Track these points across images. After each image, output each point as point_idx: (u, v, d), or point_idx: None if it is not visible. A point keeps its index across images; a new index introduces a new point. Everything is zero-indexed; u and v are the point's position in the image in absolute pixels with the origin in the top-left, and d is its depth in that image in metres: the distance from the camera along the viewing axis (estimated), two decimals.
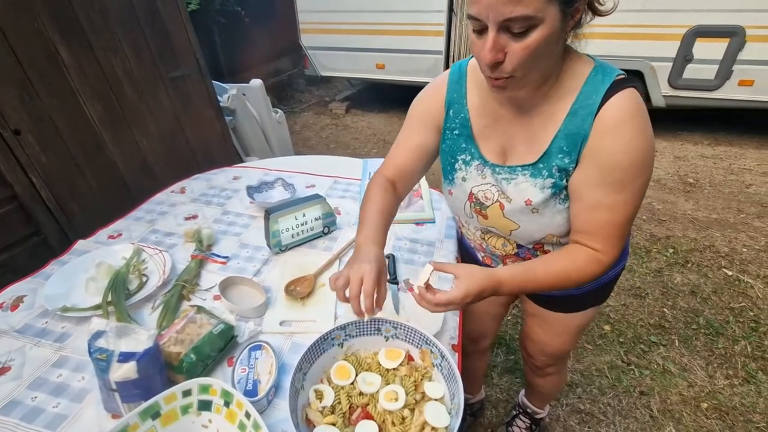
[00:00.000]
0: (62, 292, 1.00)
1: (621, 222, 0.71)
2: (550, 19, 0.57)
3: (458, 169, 0.85)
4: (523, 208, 0.77)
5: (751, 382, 1.70)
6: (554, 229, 0.79)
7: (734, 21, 3.15)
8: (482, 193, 0.83)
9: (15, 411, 0.75)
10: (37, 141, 1.46)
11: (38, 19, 1.43)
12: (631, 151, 0.65)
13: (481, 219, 0.87)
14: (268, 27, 5.34)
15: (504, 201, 0.80)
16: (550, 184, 0.73)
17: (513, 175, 0.77)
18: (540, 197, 0.75)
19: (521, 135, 0.76)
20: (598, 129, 0.67)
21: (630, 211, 0.70)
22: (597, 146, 0.67)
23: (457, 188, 0.87)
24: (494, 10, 0.56)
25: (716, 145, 3.82)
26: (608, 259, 0.73)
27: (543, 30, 0.57)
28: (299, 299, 1.02)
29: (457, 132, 0.84)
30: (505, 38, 0.59)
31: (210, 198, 1.48)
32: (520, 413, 1.53)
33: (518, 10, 0.55)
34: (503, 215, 0.81)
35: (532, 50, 0.59)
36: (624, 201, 0.69)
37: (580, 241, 0.75)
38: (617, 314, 2.05)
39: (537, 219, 0.78)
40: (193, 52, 2.09)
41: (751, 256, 2.39)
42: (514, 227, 0.82)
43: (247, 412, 0.68)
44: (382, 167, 0.94)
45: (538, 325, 1.11)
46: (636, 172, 0.67)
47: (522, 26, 0.57)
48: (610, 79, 0.67)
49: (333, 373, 0.77)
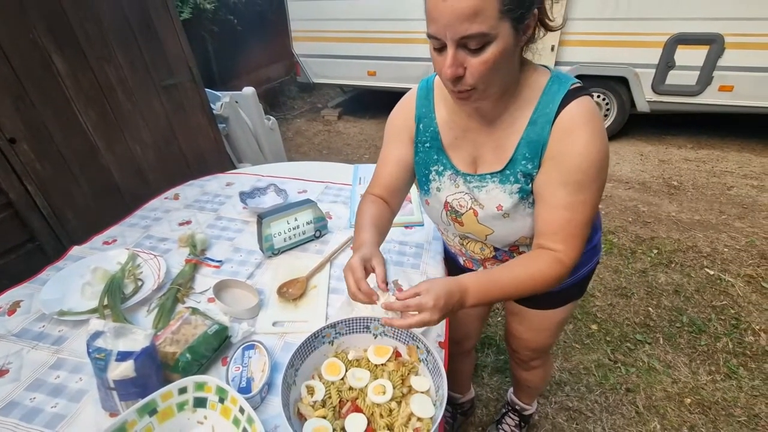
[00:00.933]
0: (58, 297, 1.02)
1: (581, 222, 0.74)
2: (503, 35, 0.62)
3: (432, 180, 0.89)
4: (495, 213, 0.82)
5: (733, 378, 1.76)
6: (527, 232, 0.83)
7: (713, 29, 3.26)
8: (456, 202, 0.87)
9: (14, 411, 0.77)
10: (32, 149, 1.49)
11: (33, 30, 1.46)
12: (589, 153, 0.70)
13: (457, 226, 0.91)
14: (260, 35, 5.39)
15: (477, 208, 0.84)
16: (517, 189, 0.78)
17: (483, 182, 0.81)
18: (509, 202, 0.79)
19: (488, 144, 0.80)
20: (556, 135, 0.72)
21: (589, 212, 0.74)
22: (556, 150, 0.72)
23: (432, 198, 0.91)
24: (451, 29, 0.60)
25: (699, 149, 3.92)
26: (569, 260, 0.75)
27: (498, 45, 0.62)
28: (291, 300, 1.05)
29: (428, 145, 0.87)
30: (463, 54, 0.63)
31: (203, 204, 1.51)
32: (509, 411, 1.57)
33: (473, 28, 0.59)
34: (477, 221, 0.85)
35: (489, 64, 0.63)
36: (583, 201, 0.73)
37: (542, 244, 0.77)
38: (604, 314, 2.11)
39: (509, 223, 0.83)
40: (186, 60, 2.12)
41: (732, 256, 2.46)
42: (489, 232, 0.86)
43: (241, 407, 0.71)
44: (369, 187, 0.96)
45: (520, 322, 1.15)
46: (594, 173, 0.71)
47: (478, 43, 0.61)
48: (565, 89, 0.72)
49: (324, 370, 0.81)
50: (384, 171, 0.94)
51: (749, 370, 1.78)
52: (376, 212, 0.90)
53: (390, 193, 0.95)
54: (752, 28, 3.17)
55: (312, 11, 4.52)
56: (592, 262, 1.03)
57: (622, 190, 3.27)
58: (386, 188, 0.94)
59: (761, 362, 1.81)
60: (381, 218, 0.91)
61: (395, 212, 0.98)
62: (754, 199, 3.05)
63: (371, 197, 0.94)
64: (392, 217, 0.96)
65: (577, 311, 2.12)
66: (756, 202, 3.00)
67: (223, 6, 4.51)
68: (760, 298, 2.15)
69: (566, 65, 3.82)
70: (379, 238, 0.88)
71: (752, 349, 1.88)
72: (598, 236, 1.03)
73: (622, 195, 3.19)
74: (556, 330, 1.14)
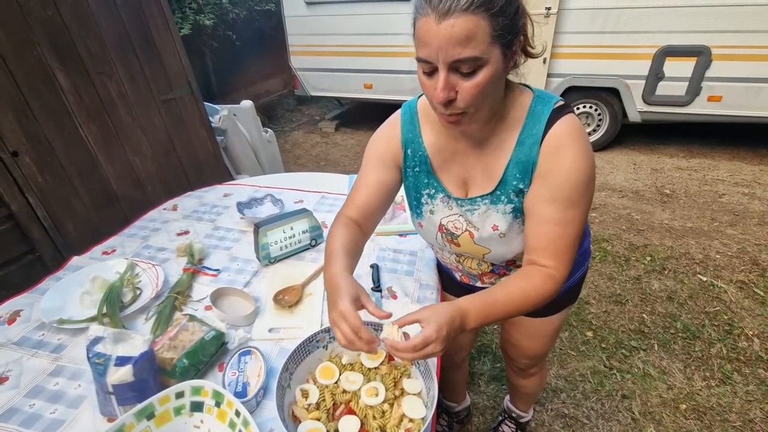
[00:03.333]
0: (58, 306, 1.04)
1: (570, 237, 0.75)
2: (494, 60, 0.64)
3: (425, 203, 0.90)
4: (492, 234, 0.83)
5: (727, 383, 1.77)
6: (521, 248, 0.85)
7: (700, 41, 3.34)
8: (451, 224, 0.88)
9: (14, 417, 0.79)
10: (34, 162, 1.52)
11: (37, 47, 1.50)
12: (577, 170, 0.72)
13: (453, 247, 0.92)
14: (259, 50, 5.49)
15: (472, 230, 0.85)
16: (510, 209, 0.80)
17: (475, 205, 0.83)
18: (504, 222, 0.81)
19: (477, 166, 0.82)
20: (545, 154, 0.74)
21: (578, 227, 0.76)
22: (545, 168, 0.74)
23: (426, 221, 0.92)
24: (444, 52, 0.61)
25: (691, 158, 3.98)
26: (561, 276, 0.76)
27: (489, 69, 0.64)
28: (287, 307, 1.07)
29: (418, 169, 0.88)
30: (454, 78, 0.64)
31: (201, 214, 1.54)
32: (506, 418, 1.57)
33: (466, 52, 0.61)
34: (474, 242, 0.86)
35: (481, 88, 0.65)
36: (573, 217, 0.74)
37: (534, 260, 0.77)
38: (599, 321, 2.12)
39: (506, 243, 0.84)
40: (186, 75, 2.17)
41: (724, 262, 2.49)
42: (486, 252, 0.88)
43: (237, 410, 0.73)
44: (344, 208, 0.92)
45: (517, 330, 1.17)
46: (583, 189, 0.73)
47: (470, 67, 0.63)
48: (550, 108, 0.75)
49: (318, 373, 0.82)
50: (362, 193, 0.90)
51: (743, 375, 1.80)
52: (350, 237, 0.85)
53: (365, 216, 0.90)
54: (738, 40, 3.25)
55: (309, 26, 4.62)
56: (583, 266, 1.06)
57: (616, 198, 3.31)
58: (362, 211, 0.90)
59: (755, 367, 1.83)
60: (355, 244, 0.86)
61: (368, 236, 0.93)
62: (745, 206, 3.09)
63: (345, 221, 0.89)
64: (365, 241, 0.92)
65: (572, 318, 2.13)
66: (747, 209, 3.05)
67: (223, 22, 4.60)
68: (752, 303, 2.17)
69: (558, 77, 3.90)
70: (353, 266, 0.83)
71: (746, 354, 1.89)
72: (588, 242, 1.06)
73: (616, 203, 3.23)
74: (552, 336, 1.16)
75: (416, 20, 0.65)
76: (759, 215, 2.96)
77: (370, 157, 0.91)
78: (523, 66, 0.74)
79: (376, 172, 0.90)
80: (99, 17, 1.71)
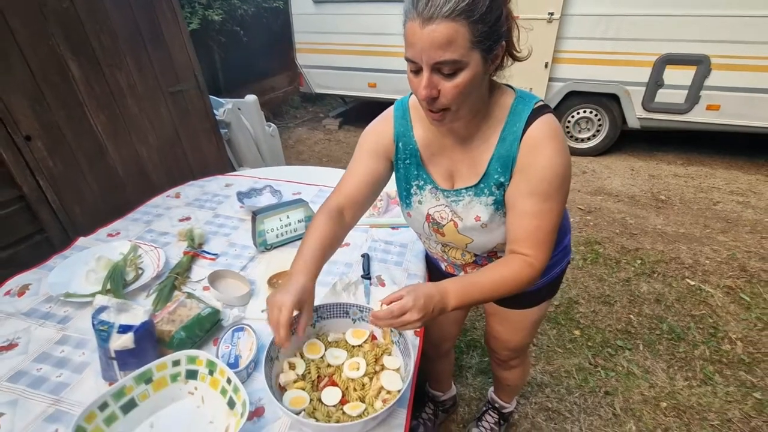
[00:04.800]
0: (65, 281, 1.11)
1: (548, 227, 0.81)
2: (473, 63, 0.68)
3: (414, 194, 0.95)
4: (474, 224, 0.89)
5: (708, 384, 1.81)
6: (503, 239, 0.91)
7: (700, 50, 3.38)
8: (438, 214, 0.94)
9: (22, 379, 0.85)
10: (46, 147, 1.59)
11: (52, 38, 1.58)
12: (553, 166, 0.77)
13: (438, 236, 0.98)
14: (266, 47, 5.56)
15: (457, 220, 0.91)
16: (492, 201, 0.86)
17: (460, 197, 0.89)
18: (486, 213, 0.87)
19: (463, 161, 0.88)
20: (524, 150, 0.79)
21: (555, 219, 0.81)
22: (525, 164, 0.80)
23: (414, 211, 0.97)
24: (427, 55, 0.67)
25: (689, 165, 4.02)
26: (539, 264, 0.81)
27: (469, 72, 0.69)
28: None
29: (408, 161, 0.93)
30: (437, 78, 0.70)
31: (203, 202, 1.60)
32: (489, 409, 1.63)
33: (447, 55, 0.66)
34: (458, 232, 0.92)
35: (461, 88, 0.70)
36: (549, 209, 0.79)
37: (514, 250, 0.83)
38: (587, 320, 2.17)
39: (487, 233, 0.90)
40: (192, 69, 2.24)
41: (713, 268, 2.53)
42: (468, 241, 0.93)
43: (228, 378, 0.79)
44: (331, 195, 0.95)
45: (499, 322, 1.22)
46: (558, 183, 0.78)
47: (450, 68, 0.68)
48: (530, 108, 0.80)
49: (305, 349, 0.88)
50: (351, 182, 0.93)
51: (725, 376, 1.84)
52: (328, 233, 0.87)
53: (351, 204, 0.93)
54: (737, 50, 3.29)
55: (316, 25, 4.69)
56: (563, 262, 1.11)
57: (612, 202, 3.36)
58: (349, 199, 0.93)
59: (736, 369, 1.87)
60: (333, 238, 0.89)
61: (351, 226, 0.96)
62: (738, 214, 3.13)
63: (330, 210, 0.91)
64: (345, 233, 0.94)
65: (560, 317, 2.18)
66: (740, 217, 3.09)
67: (231, 18, 4.67)
68: (737, 308, 2.22)
69: (559, 82, 3.94)
70: (321, 266, 0.86)
71: (728, 356, 1.94)
72: (568, 238, 1.11)
73: (611, 207, 3.28)
74: (532, 329, 1.21)
75: (405, 23, 0.70)
76: (751, 223, 3.00)
77: (363, 148, 0.96)
78: (525, 71, 0.79)
79: (367, 162, 0.94)
80: (111, 10, 1.78)
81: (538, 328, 1.23)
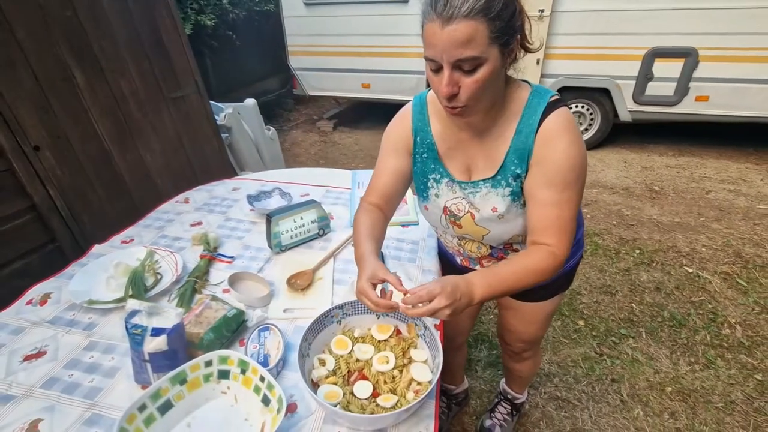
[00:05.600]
0: (86, 289, 1.12)
1: (568, 217, 0.83)
2: (492, 58, 0.71)
3: (431, 187, 0.98)
4: (491, 215, 0.91)
5: (711, 368, 1.87)
6: (518, 230, 0.94)
7: (688, 43, 3.46)
8: (455, 206, 0.96)
9: (55, 385, 0.86)
10: (54, 156, 1.59)
11: (57, 45, 1.57)
12: (569, 157, 0.80)
13: (456, 228, 1.00)
14: (258, 50, 5.56)
15: (474, 211, 0.94)
16: (508, 192, 0.88)
17: (477, 188, 0.92)
18: (503, 204, 0.89)
19: (480, 154, 0.91)
20: (539, 143, 0.82)
21: (573, 208, 0.83)
22: (541, 156, 0.82)
23: (431, 204, 1.00)
24: (447, 53, 0.69)
25: (680, 156, 4.11)
26: (561, 253, 0.83)
27: (488, 67, 0.72)
28: (300, 290, 1.15)
29: (426, 155, 0.96)
30: (457, 75, 0.72)
31: (212, 207, 1.61)
32: (502, 400, 1.66)
33: (467, 53, 0.69)
34: (475, 223, 0.95)
35: (481, 83, 0.73)
36: (568, 199, 0.82)
37: (536, 240, 0.85)
38: (590, 310, 2.22)
39: (503, 224, 0.92)
40: (193, 74, 2.25)
41: (709, 255, 2.60)
42: (485, 232, 0.96)
43: (261, 376, 0.81)
44: (366, 195, 1.03)
45: (513, 316, 1.24)
46: (576, 174, 0.81)
47: (471, 65, 0.71)
48: (545, 102, 0.83)
49: (333, 345, 0.91)
50: (380, 180, 1.00)
51: (726, 360, 1.90)
52: (372, 222, 0.96)
53: (385, 200, 1.00)
54: (724, 42, 3.37)
55: (308, 27, 4.69)
56: (576, 255, 1.13)
57: (607, 195, 3.42)
58: (382, 196, 1.00)
59: (737, 353, 1.93)
60: (376, 228, 0.96)
61: (389, 218, 1.03)
62: (730, 202, 3.21)
63: (367, 206, 1.00)
64: (386, 223, 1.02)
65: (564, 308, 2.23)
66: (732, 205, 3.17)
67: (223, 22, 4.66)
68: (735, 293, 2.28)
69: (551, 78, 4.00)
70: (377, 248, 0.92)
71: (728, 341, 1.99)
72: (581, 232, 1.14)
73: (607, 200, 3.34)
74: (545, 321, 1.23)
75: (423, 24, 0.72)
76: (743, 211, 3.08)
77: (386, 146, 1.01)
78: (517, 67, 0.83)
79: (391, 159, 0.99)
80: (112, 17, 1.79)
81: (551, 320, 1.26)
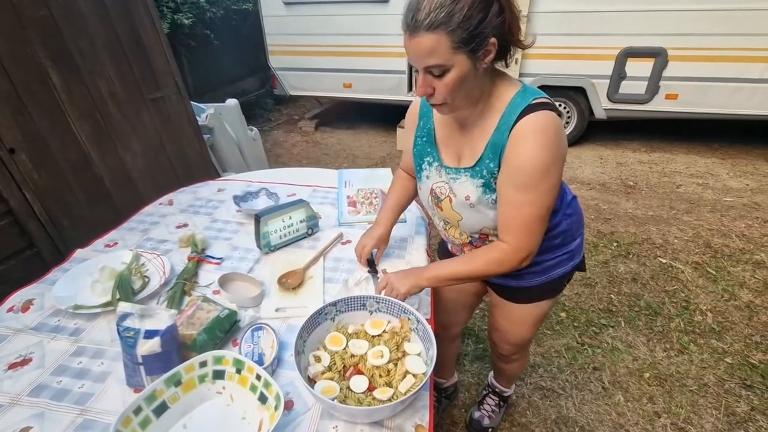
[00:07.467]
0: (71, 294, 1.09)
1: (526, 219, 0.87)
2: (459, 64, 0.77)
3: (424, 169, 1.05)
4: (464, 202, 0.96)
5: (685, 353, 1.96)
6: (488, 223, 0.98)
7: (658, 43, 3.61)
8: (438, 189, 1.02)
9: (44, 393, 0.84)
10: (30, 159, 1.54)
11: (31, 45, 1.52)
12: (532, 160, 0.81)
13: (438, 210, 1.06)
14: (236, 49, 5.47)
15: (452, 195, 0.99)
16: (481, 183, 0.92)
17: (457, 175, 0.96)
18: (475, 194, 0.94)
19: (467, 144, 0.95)
20: (510, 141, 0.85)
21: (534, 211, 0.86)
22: (509, 153, 0.85)
23: (423, 184, 1.07)
24: (416, 61, 0.79)
25: (651, 152, 4.27)
26: (511, 249, 0.90)
27: (455, 72, 0.78)
28: (291, 289, 1.16)
29: (425, 139, 1.04)
30: (430, 78, 0.80)
31: (197, 208, 1.59)
32: (490, 393, 1.70)
33: (431, 61, 0.76)
34: (452, 208, 1.01)
35: (451, 86, 0.79)
36: (529, 201, 0.84)
37: (499, 236, 0.93)
38: (571, 302, 2.29)
39: (474, 213, 0.97)
40: (173, 74, 2.21)
41: (681, 246, 2.72)
42: (459, 218, 1.02)
43: (257, 374, 0.81)
44: (401, 165, 1.27)
45: (501, 315, 1.27)
46: (539, 177, 0.82)
47: (438, 71, 0.78)
48: (527, 102, 0.84)
49: (327, 342, 0.92)
50: (406, 156, 1.18)
51: (698, 345, 2.00)
52: (401, 192, 1.25)
53: (411, 171, 1.19)
54: (692, 42, 3.53)
55: (288, 26, 4.65)
56: (566, 266, 1.11)
57: (585, 190, 3.53)
58: (410, 168, 1.18)
59: (708, 338, 2.03)
60: (404, 195, 1.25)
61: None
62: (699, 195, 3.36)
63: (401, 173, 1.27)
64: (415, 187, 1.21)
65: None
66: (701, 198, 3.32)
67: (200, 21, 4.58)
68: (706, 282, 2.40)
69: (529, 77, 4.10)
70: (398, 216, 1.26)
71: (701, 327, 2.10)
72: (576, 243, 1.10)
73: (585, 195, 3.45)
74: (532, 325, 1.24)
75: (403, 33, 0.80)
76: (711, 203, 3.23)
77: (405, 126, 1.14)
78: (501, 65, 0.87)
79: (409, 136, 1.11)
80: (88, 17, 1.74)
81: (539, 325, 1.26)
